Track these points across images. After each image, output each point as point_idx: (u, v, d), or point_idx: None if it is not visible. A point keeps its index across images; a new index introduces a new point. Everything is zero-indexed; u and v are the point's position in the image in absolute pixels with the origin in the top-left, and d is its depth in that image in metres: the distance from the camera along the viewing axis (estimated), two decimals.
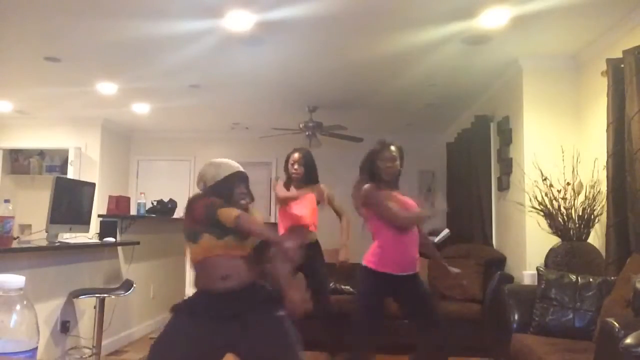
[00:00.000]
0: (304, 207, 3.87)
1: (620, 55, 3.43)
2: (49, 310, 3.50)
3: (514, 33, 3.85)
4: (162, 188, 7.08)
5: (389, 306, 3.19)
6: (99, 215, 4.33)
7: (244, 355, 2.15)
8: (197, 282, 2.28)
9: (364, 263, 3.08)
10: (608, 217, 3.53)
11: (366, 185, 3.05)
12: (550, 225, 3.86)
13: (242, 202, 2.29)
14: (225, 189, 2.28)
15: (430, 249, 3.38)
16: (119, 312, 4.42)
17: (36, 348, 0.78)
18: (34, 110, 6.67)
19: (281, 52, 4.42)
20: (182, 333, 2.17)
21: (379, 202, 3.02)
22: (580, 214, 3.77)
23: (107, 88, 5.50)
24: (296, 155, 3.92)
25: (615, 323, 2.13)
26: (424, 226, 3.30)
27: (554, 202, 3.86)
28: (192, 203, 2.26)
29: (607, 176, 3.56)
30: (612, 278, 3.11)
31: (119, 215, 4.43)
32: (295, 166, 3.89)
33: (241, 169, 2.36)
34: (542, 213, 3.90)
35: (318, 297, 3.87)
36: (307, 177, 3.91)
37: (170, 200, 5.34)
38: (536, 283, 3.47)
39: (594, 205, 3.74)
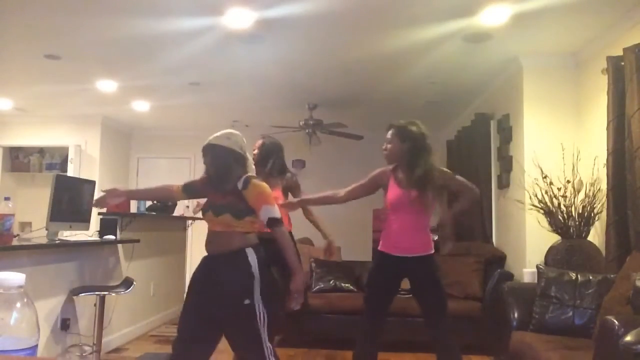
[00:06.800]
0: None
1: (621, 53, 3.43)
2: (49, 307, 3.50)
3: (514, 31, 3.85)
4: None
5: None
6: (99, 213, 4.32)
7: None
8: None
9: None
10: (608, 215, 3.53)
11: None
12: (550, 223, 3.86)
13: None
14: None
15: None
16: (119, 310, 4.43)
17: (36, 345, 0.78)
18: (34, 107, 6.66)
19: (281, 50, 4.42)
20: None
21: None
22: (580, 211, 3.77)
23: (107, 86, 5.50)
24: (259, 142, 3.75)
25: (615, 321, 2.13)
26: None
27: (554, 199, 3.86)
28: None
29: (607, 174, 3.56)
30: (612, 276, 3.11)
31: (119, 213, 4.43)
32: (255, 150, 3.69)
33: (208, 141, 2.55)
34: (542, 211, 3.90)
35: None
36: (261, 164, 3.63)
37: None
38: (536, 281, 3.47)
39: (594, 203, 3.74)
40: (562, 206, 3.82)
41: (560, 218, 3.81)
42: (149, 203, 5.09)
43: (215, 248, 2.50)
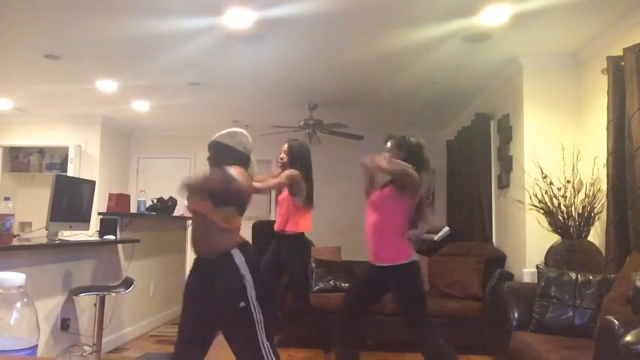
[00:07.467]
0: (280, 206, 3.98)
1: (621, 53, 3.43)
2: (49, 307, 3.51)
3: (514, 31, 3.85)
4: (162, 186, 7.03)
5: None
6: (99, 213, 4.33)
7: None
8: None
9: None
10: (608, 215, 3.53)
11: None
12: (550, 223, 3.86)
13: None
14: None
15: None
16: (119, 310, 4.43)
17: (36, 345, 0.78)
18: (34, 107, 6.66)
19: (281, 50, 4.42)
20: None
21: None
22: (580, 211, 3.77)
23: (107, 86, 5.50)
24: (285, 146, 3.99)
25: (615, 321, 2.13)
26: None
27: (554, 199, 3.85)
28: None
29: (607, 174, 3.56)
30: (612, 276, 3.11)
31: (119, 212, 4.43)
32: (281, 155, 3.96)
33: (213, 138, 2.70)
34: (542, 211, 3.89)
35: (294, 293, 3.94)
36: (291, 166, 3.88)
37: (170, 197, 5.34)
38: (536, 281, 3.47)
39: (594, 203, 3.74)
40: (562, 206, 3.82)
41: (560, 218, 3.81)
42: (149, 203, 5.09)
43: (202, 249, 2.47)
